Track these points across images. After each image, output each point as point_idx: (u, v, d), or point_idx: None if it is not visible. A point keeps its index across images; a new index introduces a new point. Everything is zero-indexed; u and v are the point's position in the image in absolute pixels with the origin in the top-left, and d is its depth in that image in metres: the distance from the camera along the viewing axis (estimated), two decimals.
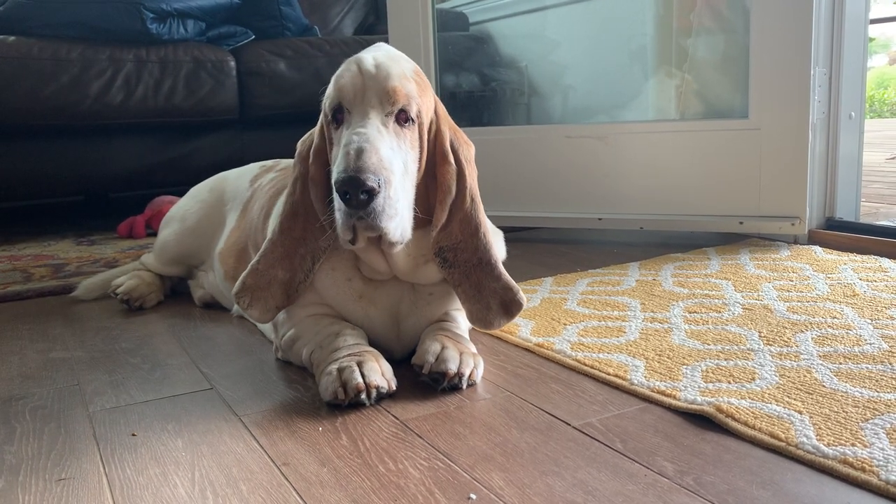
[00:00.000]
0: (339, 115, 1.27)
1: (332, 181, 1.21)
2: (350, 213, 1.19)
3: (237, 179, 1.96)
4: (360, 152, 1.17)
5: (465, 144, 1.37)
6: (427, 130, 1.31)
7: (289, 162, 1.92)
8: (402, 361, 1.39)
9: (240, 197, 1.89)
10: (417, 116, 1.28)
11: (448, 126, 1.36)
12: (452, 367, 1.27)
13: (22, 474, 1.06)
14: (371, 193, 1.17)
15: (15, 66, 2.96)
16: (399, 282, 1.39)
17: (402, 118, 1.26)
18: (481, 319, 1.35)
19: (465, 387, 1.28)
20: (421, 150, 1.30)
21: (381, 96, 1.24)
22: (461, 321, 1.44)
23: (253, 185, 1.87)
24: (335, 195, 1.22)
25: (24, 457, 1.12)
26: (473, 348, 1.37)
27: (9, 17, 3.16)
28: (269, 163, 1.97)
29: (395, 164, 1.21)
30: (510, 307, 1.35)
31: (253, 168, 1.97)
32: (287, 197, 1.40)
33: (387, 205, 1.19)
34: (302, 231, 1.36)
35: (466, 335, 1.42)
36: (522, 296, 1.36)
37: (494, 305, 1.35)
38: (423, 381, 1.30)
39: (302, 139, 1.41)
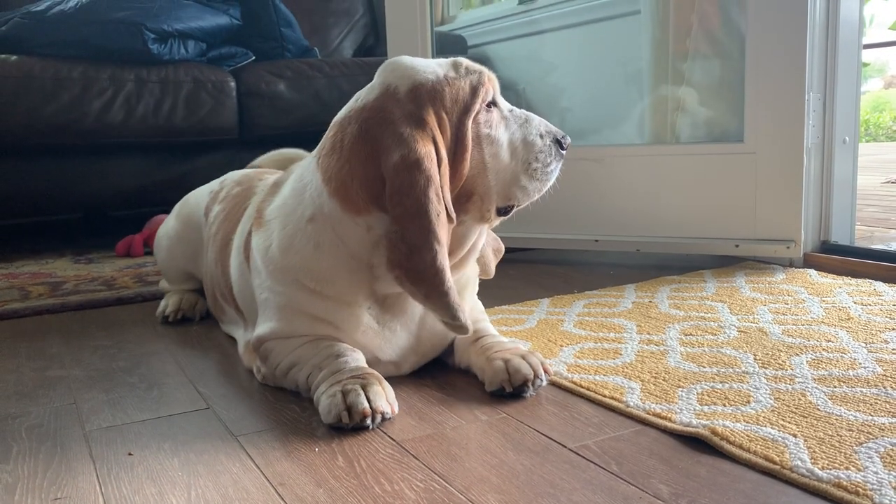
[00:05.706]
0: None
1: (554, 139, 1.39)
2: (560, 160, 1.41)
3: (197, 195, 2.02)
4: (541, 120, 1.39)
5: None
6: None
7: (234, 176, 1.89)
8: (402, 376, 1.40)
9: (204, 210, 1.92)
10: None
11: None
12: (529, 373, 1.32)
13: (18, 493, 1.06)
14: None
15: (16, 84, 2.98)
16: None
17: None
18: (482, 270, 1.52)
19: (545, 382, 1.34)
20: None
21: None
22: (492, 329, 1.49)
23: (207, 217, 1.87)
24: (549, 153, 1.40)
25: (20, 476, 1.12)
26: (522, 347, 1.41)
27: (11, 36, 3.18)
28: (215, 186, 1.96)
29: None
30: (497, 255, 1.57)
31: (204, 192, 1.99)
32: (427, 213, 1.20)
33: None
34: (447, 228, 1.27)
35: (503, 338, 1.45)
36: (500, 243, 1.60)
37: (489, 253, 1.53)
38: (435, 398, 1.31)
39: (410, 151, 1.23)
